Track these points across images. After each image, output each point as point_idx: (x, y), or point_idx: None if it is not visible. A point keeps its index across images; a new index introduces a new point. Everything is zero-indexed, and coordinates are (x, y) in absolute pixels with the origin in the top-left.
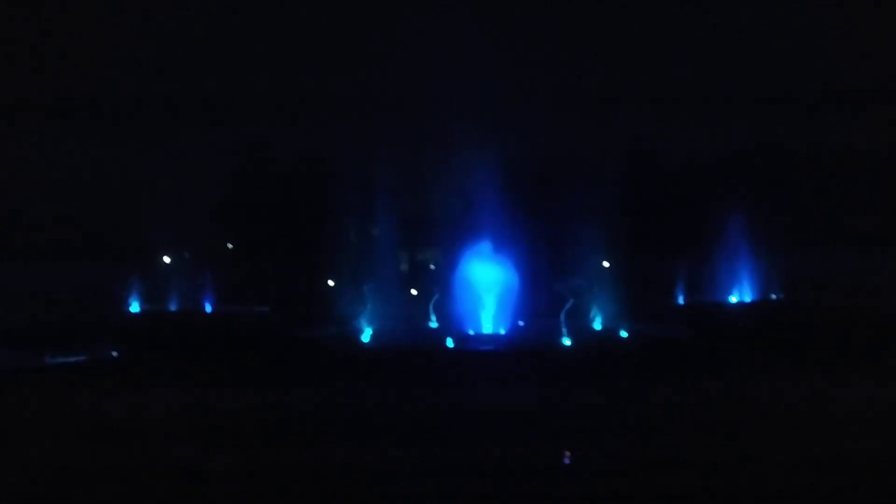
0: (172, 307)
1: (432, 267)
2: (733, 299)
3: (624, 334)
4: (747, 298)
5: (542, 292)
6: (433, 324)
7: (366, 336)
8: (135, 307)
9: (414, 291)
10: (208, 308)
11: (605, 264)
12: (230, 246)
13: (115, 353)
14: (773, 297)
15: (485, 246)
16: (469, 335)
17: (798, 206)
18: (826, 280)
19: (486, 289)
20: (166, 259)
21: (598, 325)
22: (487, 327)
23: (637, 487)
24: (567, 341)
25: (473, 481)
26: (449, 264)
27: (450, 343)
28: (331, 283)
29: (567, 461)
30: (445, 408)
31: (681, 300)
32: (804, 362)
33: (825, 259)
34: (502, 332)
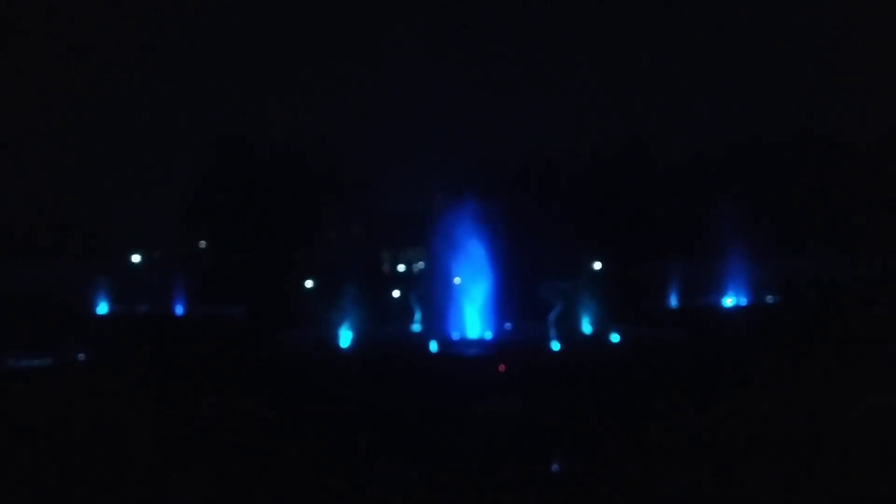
0: (142, 308)
1: (416, 268)
2: (728, 302)
3: (615, 338)
4: (742, 301)
5: (529, 295)
6: (416, 327)
7: (345, 339)
8: (103, 308)
9: (396, 293)
10: (180, 309)
11: (596, 266)
12: (203, 244)
13: (81, 356)
14: (769, 299)
15: (470, 246)
16: (453, 339)
17: (795, 208)
18: (823, 282)
19: (472, 291)
20: (136, 258)
21: (587, 328)
22: (473, 331)
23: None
24: (556, 345)
25: (459, 489)
26: (433, 265)
27: (433, 347)
28: (309, 283)
29: (555, 468)
30: (429, 414)
31: (674, 303)
32: (800, 365)
33: (822, 261)
34: (488, 335)
